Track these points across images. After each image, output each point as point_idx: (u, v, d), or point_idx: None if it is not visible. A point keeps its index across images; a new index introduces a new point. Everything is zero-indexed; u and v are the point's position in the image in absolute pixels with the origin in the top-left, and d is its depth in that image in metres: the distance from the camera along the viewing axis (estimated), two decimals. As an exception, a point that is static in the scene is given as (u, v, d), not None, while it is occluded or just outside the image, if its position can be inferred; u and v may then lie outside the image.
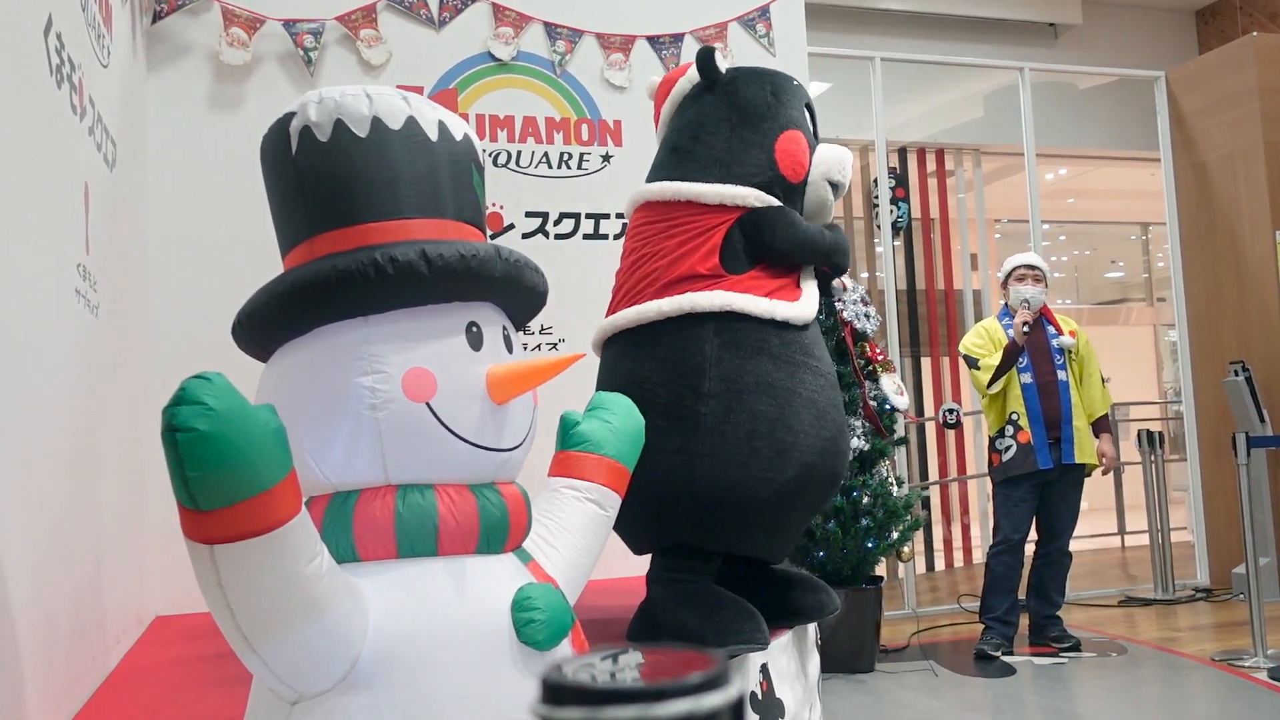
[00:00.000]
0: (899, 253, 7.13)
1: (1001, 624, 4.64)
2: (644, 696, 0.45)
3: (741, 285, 2.50)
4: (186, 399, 1.23)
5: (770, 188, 2.59)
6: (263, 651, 1.35)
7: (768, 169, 2.61)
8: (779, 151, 2.63)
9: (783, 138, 2.65)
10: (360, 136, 1.58)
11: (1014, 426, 4.64)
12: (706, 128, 2.70)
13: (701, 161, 2.64)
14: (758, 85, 2.71)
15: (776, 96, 2.70)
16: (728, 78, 2.74)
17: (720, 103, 2.71)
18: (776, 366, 2.46)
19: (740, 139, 2.65)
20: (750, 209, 2.54)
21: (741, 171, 2.60)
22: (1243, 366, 5.80)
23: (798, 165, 2.64)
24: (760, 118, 2.67)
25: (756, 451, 2.38)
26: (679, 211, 2.60)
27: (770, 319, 2.47)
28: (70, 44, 2.34)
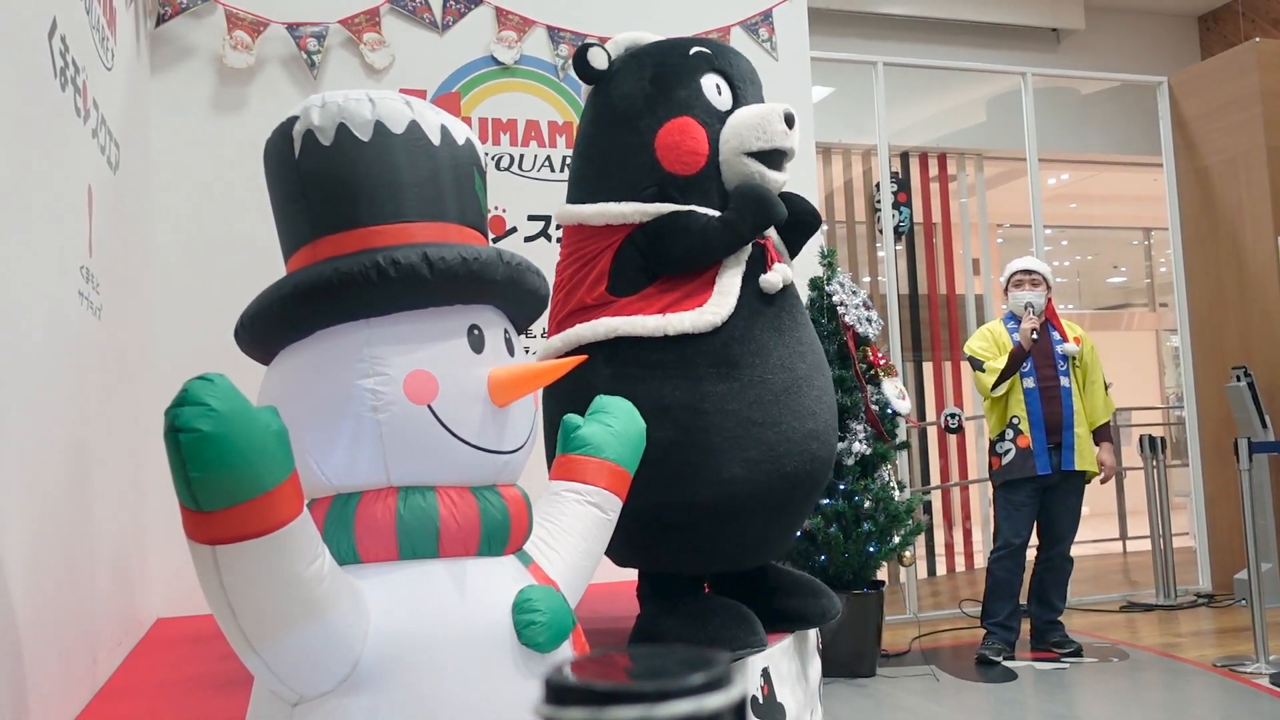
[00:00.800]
0: (901, 257, 7.13)
1: (1003, 629, 4.63)
2: (647, 697, 0.45)
3: (632, 307, 2.33)
4: (189, 400, 1.23)
5: (665, 190, 2.37)
6: (264, 652, 1.35)
7: (652, 171, 2.38)
8: (660, 148, 2.37)
9: (663, 131, 2.37)
10: (363, 140, 1.59)
11: (1014, 430, 4.63)
12: (590, 139, 2.50)
13: (586, 178, 2.47)
14: (635, 77, 2.44)
15: (658, 83, 2.41)
16: (609, 74, 2.48)
17: (599, 107, 2.50)
18: (674, 386, 2.28)
19: (619, 144, 2.43)
20: (637, 225, 2.35)
21: (626, 181, 2.39)
22: (1245, 371, 5.80)
23: (689, 155, 2.37)
24: (636, 115, 2.41)
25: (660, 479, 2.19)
26: (572, 237, 2.45)
27: (663, 336, 2.29)
28: (74, 47, 2.35)
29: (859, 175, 7.20)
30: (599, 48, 2.51)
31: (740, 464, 2.29)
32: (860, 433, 4.29)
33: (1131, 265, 12.68)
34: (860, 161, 7.13)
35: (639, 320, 2.31)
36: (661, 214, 2.35)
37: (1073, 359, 4.71)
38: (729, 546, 2.45)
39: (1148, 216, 10.17)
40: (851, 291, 4.49)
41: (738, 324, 2.33)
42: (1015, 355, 4.62)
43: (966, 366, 4.85)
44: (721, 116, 2.42)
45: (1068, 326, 4.81)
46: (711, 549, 2.43)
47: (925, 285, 7.29)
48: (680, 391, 2.29)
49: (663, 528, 2.32)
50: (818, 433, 2.42)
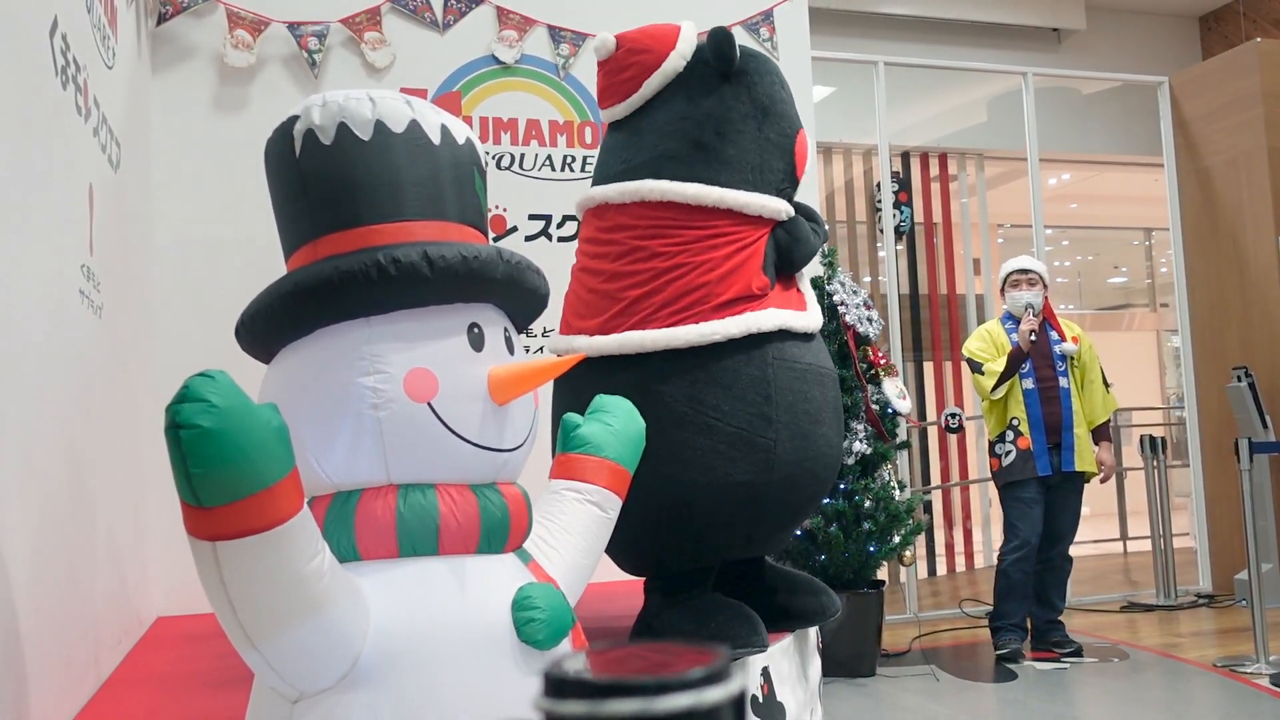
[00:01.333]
0: (901, 257, 7.14)
1: (1019, 629, 4.61)
2: (646, 691, 0.45)
3: (779, 300, 2.46)
4: (190, 396, 1.24)
5: (787, 194, 2.55)
6: (264, 649, 1.35)
7: (787, 174, 2.55)
8: (798, 154, 2.58)
9: (799, 138, 2.59)
10: (363, 139, 1.59)
11: (1014, 432, 4.62)
12: (733, 124, 2.51)
13: (733, 164, 2.48)
14: (771, 79, 2.59)
15: (786, 90, 2.62)
16: (740, 68, 2.55)
17: (742, 96, 2.54)
18: (807, 383, 2.45)
19: (766, 141, 2.53)
20: (780, 222, 2.50)
21: (771, 178, 2.51)
22: (1246, 372, 5.80)
23: (803, 165, 2.61)
24: (780, 117, 2.56)
25: (813, 474, 2.45)
26: (718, 220, 2.42)
27: (804, 333, 2.48)
28: (76, 45, 2.35)
29: (860, 175, 7.20)
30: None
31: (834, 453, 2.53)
32: (861, 432, 4.29)
33: (1132, 265, 12.68)
34: (861, 161, 7.13)
35: (794, 315, 2.46)
36: (793, 216, 2.53)
37: (1071, 359, 4.70)
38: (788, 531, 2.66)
39: (1149, 217, 10.17)
40: (852, 291, 4.49)
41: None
42: (1014, 356, 4.62)
43: (967, 367, 4.83)
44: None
45: (1065, 326, 4.80)
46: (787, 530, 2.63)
47: (926, 285, 7.29)
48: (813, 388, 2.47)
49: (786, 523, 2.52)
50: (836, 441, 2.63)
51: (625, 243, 2.46)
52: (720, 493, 2.33)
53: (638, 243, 2.44)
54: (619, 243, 2.46)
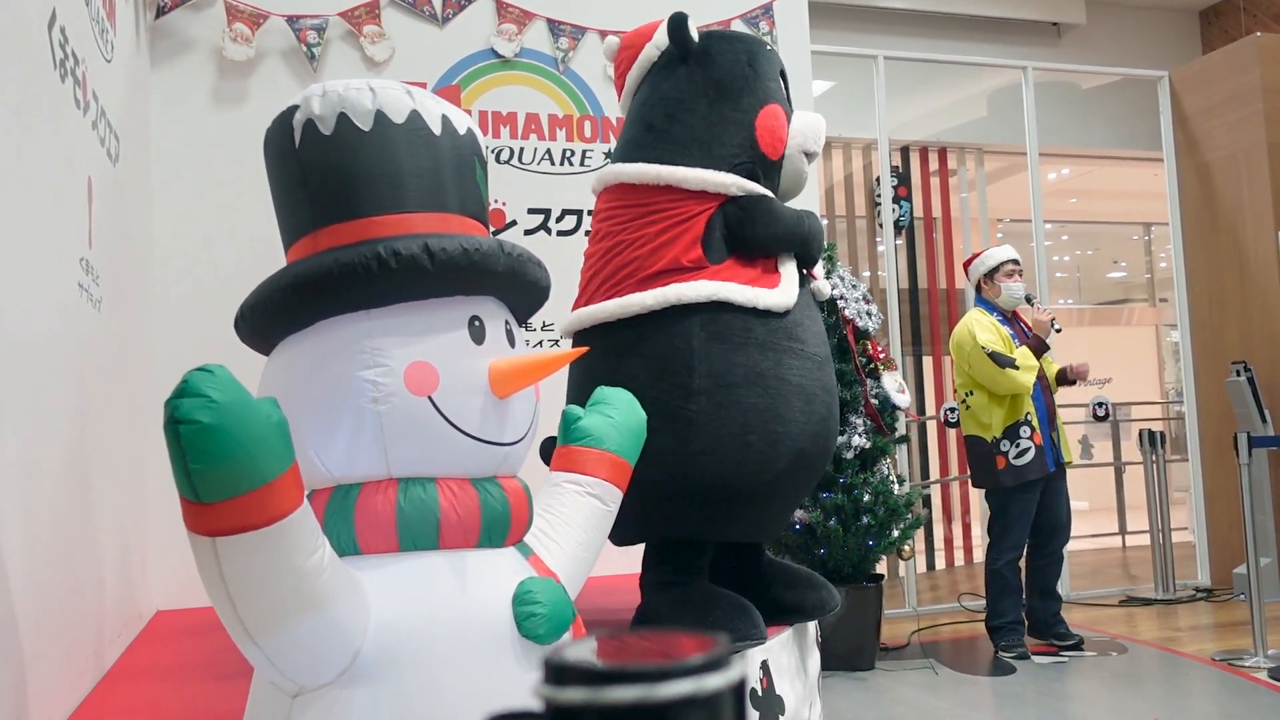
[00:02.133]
0: (901, 251, 7.13)
1: (1020, 626, 4.60)
2: (646, 677, 0.45)
3: (723, 274, 2.43)
4: (189, 391, 1.23)
5: (751, 168, 2.51)
6: (264, 644, 1.35)
7: (749, 148, 2.52)
8: (760, 129, 2.53)
9: (763, 113, 2.54)
10: (363, 130, 1.58)
11: (1030, 428, 4.49)
12: (684, 104, 2.56)
13: (680, 141, 2.52)
14: (734, 56, 2.58)
15: (754, 67, 2.58)
16: (701, 47, 2.60)
17: (696, 75, 2.57)
18: (763, 355, 2.41)
19: (719, 116, 2.53)
20: (732, 197, 2.46)
21: (723, 153, 2.50)
22: (1245, 367, 5.80)
23: (777, 142, 2.55)
24: (739, 92, 2.55)
25: (750, 446, 2.35)
26: (658, 196, 2.48)
27: (753, 308, 2.41)
28: (74, 38, 2.34)
29: (859, 170, 7.20)
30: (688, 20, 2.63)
31: (808, 437, 2.45)
32: (860, 426, 4.30)
33: (1132, 260, 12.68)
34: (860, 156, 7.13)
35: (736, 288, 2.41)
36: (752, 193, 2.48)
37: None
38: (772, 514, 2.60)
39: (1148, 212, 10.16)
40: (851, 285, 4.49)
41: (797, 307, 2.51)
42: (1038, 348, 4.55)
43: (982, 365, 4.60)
44: (788, 113, 2.62)
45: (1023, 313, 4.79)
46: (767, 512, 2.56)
47: (925, 280, 7.29)
48: (769, 362, 2.41)
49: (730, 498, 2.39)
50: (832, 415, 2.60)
51: (595, 227, 2.63)
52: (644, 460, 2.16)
53: (598, 225, 2.61)
54: (595, 229, 2.63)
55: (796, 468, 2.46)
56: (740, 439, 2.34)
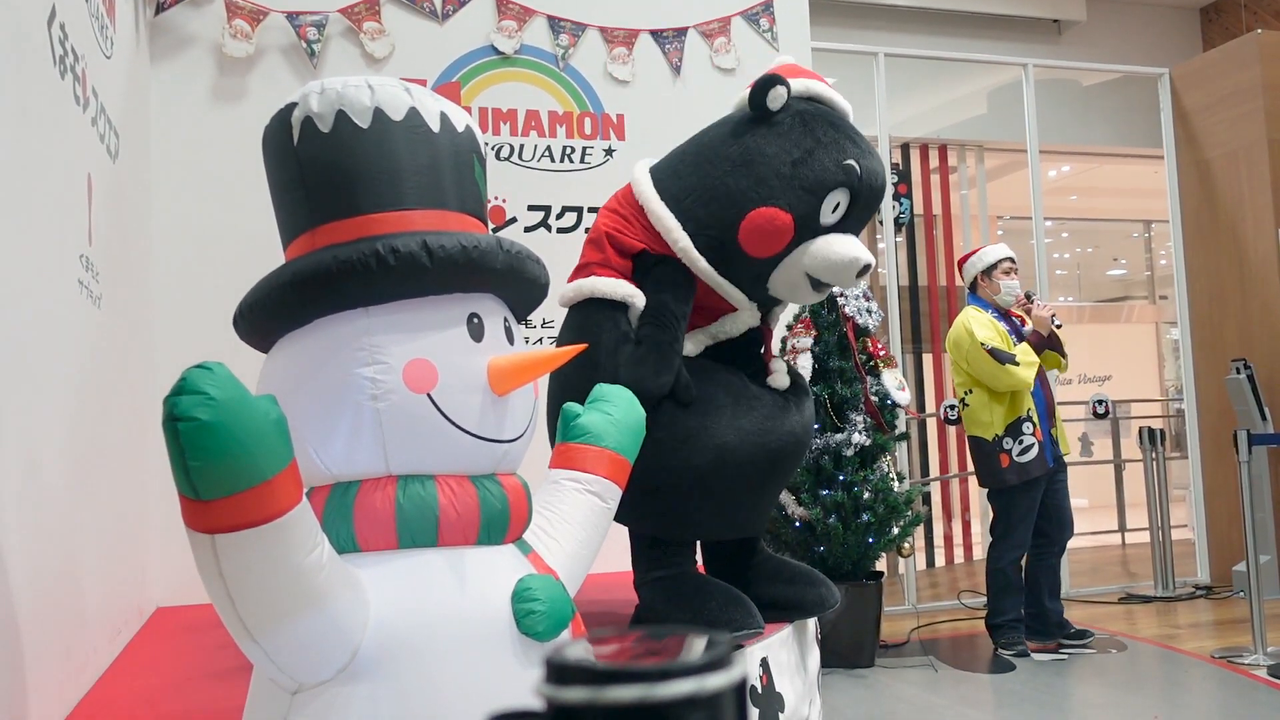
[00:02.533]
0: (901, 249, 7.13)
1: (1020, 624, 4.58)
2: (647, 677, 0.45)
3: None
4: (188, 389, 1.23)
5: (722, 248, 2.40)
6: (263, 641, 1.35)
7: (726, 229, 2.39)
8: (744, 228, 2.37)
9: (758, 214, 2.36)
10: (362, 127, 1.58)
11: (1032, 424, 4.46)
12: (711, 156, 2.45)
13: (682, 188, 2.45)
14: (790, 143, 2.38)
15: (797, 168, 2.36)
16: (776, 118, 2.42)
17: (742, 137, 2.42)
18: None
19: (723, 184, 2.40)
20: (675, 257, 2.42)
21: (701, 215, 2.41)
22: (1245, 364, 5.80)
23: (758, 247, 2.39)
24: (759, 180, 2.37)
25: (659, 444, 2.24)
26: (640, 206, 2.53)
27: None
28: (74, 34, 2.34)
29: (859, 167, 7.19)
30: (783, 89, 2.42)
31: (733, 431, 2.40)
32: (860, 424, 4.29)
33: (1132, 258, 12.69)
34: (861, 153, 7.11)
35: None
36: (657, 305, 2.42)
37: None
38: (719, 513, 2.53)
39: (1148, 209, 10.17)
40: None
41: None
42: (1038, 344, 4.53)
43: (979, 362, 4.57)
44: (817, 231, 2.40)
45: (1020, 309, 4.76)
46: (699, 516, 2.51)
47: (925, 277, 7.29)
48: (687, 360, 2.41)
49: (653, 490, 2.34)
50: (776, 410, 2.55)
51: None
52: None
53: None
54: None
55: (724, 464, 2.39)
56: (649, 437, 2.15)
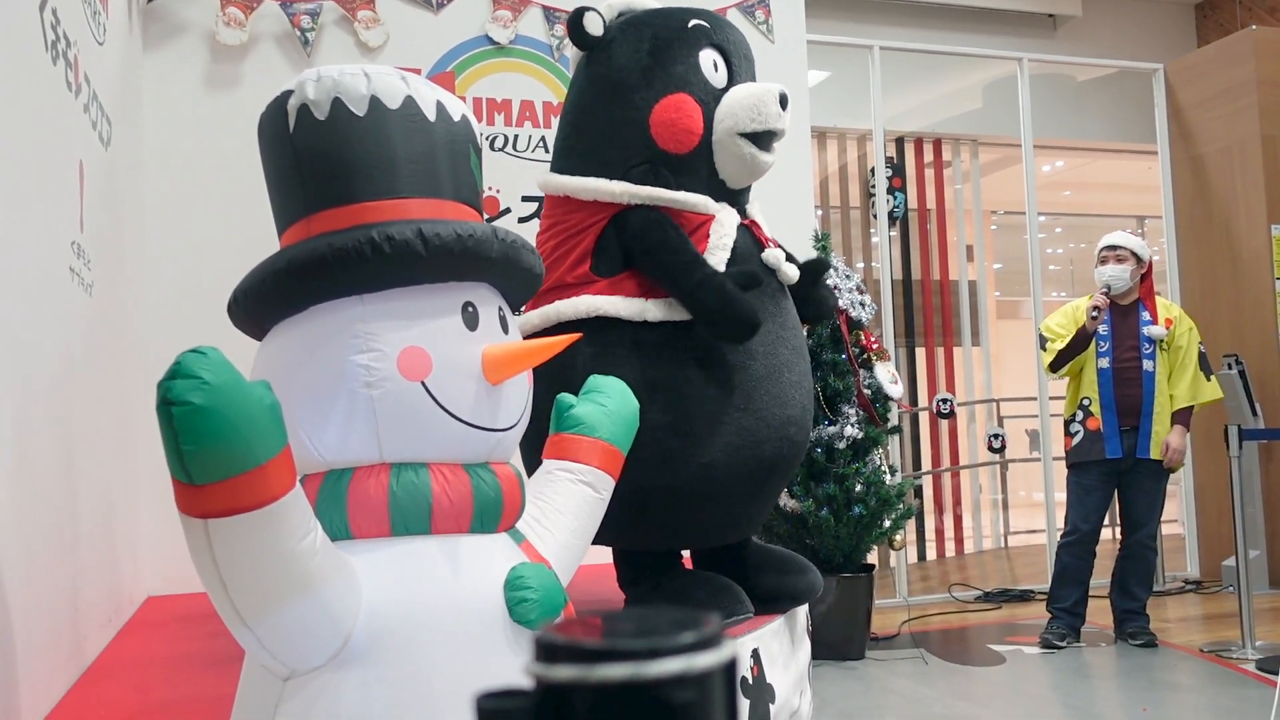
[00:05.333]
0: (895, 242, 7.14)
1: (1069, 615, 4.55)
2: (636, 655, 0.45)
3: (613, 287, 2.30)
4: (182, 373, 1.23)
5: (656, 168, 2.31)
6: (255, 627, 1.35)
7: (644, 147, 2.31)
8: (655, 124, 2.30)
9: (660, 106, 2.31)
10: (358, 115, 1.58)
11: (1084, 412, 4.50)
12: (580, 108, 2.42)
13: (575, 150, 2.40)
14: (631, 48, 2.35)
15: (655, 55, 2.33)
16: (604, 41, 2.39)
17: (594, 77, 2.40)
18: (658, 366, 2.26)
19: (611, 117, 2.35)
20: (625, 206, 2.28)
21: (616, 155, 2.32)
22: (1236, 359, 5.81)
23: (683, 134, 2.31)
24: (631, 88, 2.33)
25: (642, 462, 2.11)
26: (556, 209, 2.39)
27: (643, 321, 2.26)
28: (66, 20, 2.33)
29: (854, 160, 7.19)
30: (594, 13, 2.42)
31: (720, 449, 2.29)
32: (852, 417, 4.30)
33: (1125, 253, 12.66)
34: (855, 146, 7.13)
35: (620, 301, 2.28)
36: (653, 205, 2.29)
37: (1161, 342, 4.52)
38: (704, 525, 2.46)
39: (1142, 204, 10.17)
40: (845, 276, 4.49)
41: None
42: (1079, 335, 4.50)
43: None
44: (716, 94, 2.36)
45: (1164, 308, 4.62)
46: (686, 528, 2.44)
47: (919, 271, 7.30)
48: (664, 373, 2.26)
49: (640, 508, 2.29)
50: (795, 419, 2.41)
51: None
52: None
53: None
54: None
55: (710, 483, 2.30)
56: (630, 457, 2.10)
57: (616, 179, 2.31)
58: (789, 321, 2.47)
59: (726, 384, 2.29)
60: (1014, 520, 8.25)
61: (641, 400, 2.12)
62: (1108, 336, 4.53)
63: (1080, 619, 4.60)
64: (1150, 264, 4.65)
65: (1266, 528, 5.87)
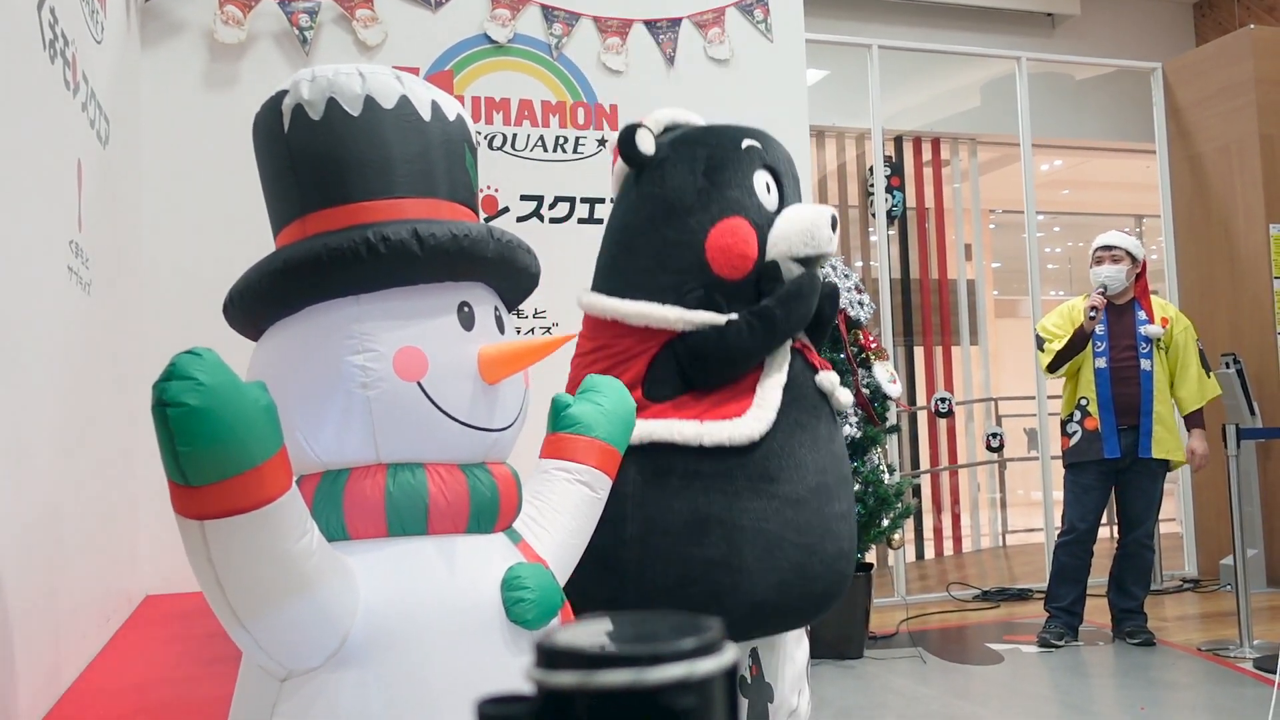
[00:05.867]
0: (894, 241, 7.14)
1: (1066, 614, 4.55)
2: (638, 661, 0.45)
3: (667, 411, 2.23)
4: (177, 374, 1.23)
5: (710, 294, 2.25)
6: (252, 628, 1.35)
7: (698, 271, 2.25)
8: (711, 249, 2.25)
9: (715, 231, 2.26)
10: (353, 115, 1.57)
11: (1082, 412, 4.50)
12: (633, 229, 2.36)
13: (628, 271, 2.32)
14: (687, 168, 2.31)
15: (711, 176, 2.30)
16: (657, 160, 2.35)
17: (646, 197, 2.34)
18: (710, 498, 2.17)
19: (665, 239, 2.29)
20: (679, 333, 2.21)
21: (668, 281, 2.26)
22: (1234, 358, 5.82)
23: (739, 259, 2.26)
24: (688, 211, 2.28)
25: (690, 600, 2.10)
26: (603, 331, 2.31)
27: (698, 446, 2.17)
28: (64, 18, 2.33)
29: (852, 159, 7.19)
30: (646, 130, 2.37)
31: (774, 588, 2.20)
32: (851, 416, 4.30)
33: (1123, 252, 12.67)
34: (854, 145, 7.12)
35: (675, 426, 2.18)
36: (704, 326, 2.24)
37: (1158, 341, 4.52)
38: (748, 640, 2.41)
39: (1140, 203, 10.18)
40: (844, 275, 4.49)
41: (777, 436, 2.23)
42: (1076, 336, 4.50)
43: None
44: (769, 217, 2.32)
45: (1160, 307, 4.62)
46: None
47: (918, 270, 7.30)
48: (718, 506, 2.17)
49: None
50: (845, 552, 2.35)
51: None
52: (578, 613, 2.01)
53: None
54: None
55: (760, 617, 2.22)
56: (679, 592, 2.09)
57: (669, 303, 2.25)
58: (836, 449, 2.41)
59: (780, 517, 2.21)
60: (1012, 519, 8.26)
61: (694, 534, 2.10)
62: (1104, 336, 4.52)
63: (1078, 618, 4.61)
64: (1145, 263, 4.65)
65: (1264, 526, 5.87)
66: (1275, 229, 6.06)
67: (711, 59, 4.51)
